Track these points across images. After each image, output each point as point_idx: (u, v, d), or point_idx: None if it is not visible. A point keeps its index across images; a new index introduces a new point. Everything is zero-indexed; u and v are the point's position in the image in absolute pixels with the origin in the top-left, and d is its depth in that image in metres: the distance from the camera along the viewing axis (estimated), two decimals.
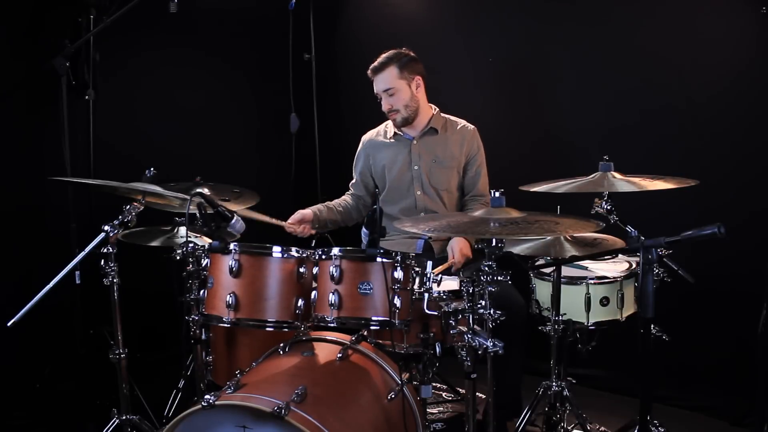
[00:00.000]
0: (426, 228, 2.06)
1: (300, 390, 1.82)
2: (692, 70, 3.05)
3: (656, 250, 1.71)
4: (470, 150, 2.99)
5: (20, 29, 3.12)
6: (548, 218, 2.00)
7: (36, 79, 3.12)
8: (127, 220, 2.21)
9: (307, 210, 2.91)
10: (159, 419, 2.68)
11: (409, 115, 2.94)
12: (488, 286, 1.95)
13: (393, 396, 2.07)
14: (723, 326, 2.97)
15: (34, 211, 3.19)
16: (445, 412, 3.08)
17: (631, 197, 2.37)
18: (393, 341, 2.20)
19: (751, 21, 2.87)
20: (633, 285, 2.53)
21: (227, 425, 1.82)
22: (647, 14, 3.14)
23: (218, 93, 3.94)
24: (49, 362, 3.15)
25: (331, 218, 3.01)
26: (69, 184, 2.91)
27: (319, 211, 2.97)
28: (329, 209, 3.02)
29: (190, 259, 2.42)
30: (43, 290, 2.01)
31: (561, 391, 2.54)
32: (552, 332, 2.49)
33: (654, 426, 2.40)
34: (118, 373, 2.32)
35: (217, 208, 2.14)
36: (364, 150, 3.14)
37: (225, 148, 3.91)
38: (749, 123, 2.94)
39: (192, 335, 2.44)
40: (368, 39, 3.94)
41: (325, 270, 2.03)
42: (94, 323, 3.01)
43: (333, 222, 3.03)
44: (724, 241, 1.61)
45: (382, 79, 2.91)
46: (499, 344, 1.88)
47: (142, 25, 3.25)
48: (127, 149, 3.43)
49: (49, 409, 3.04)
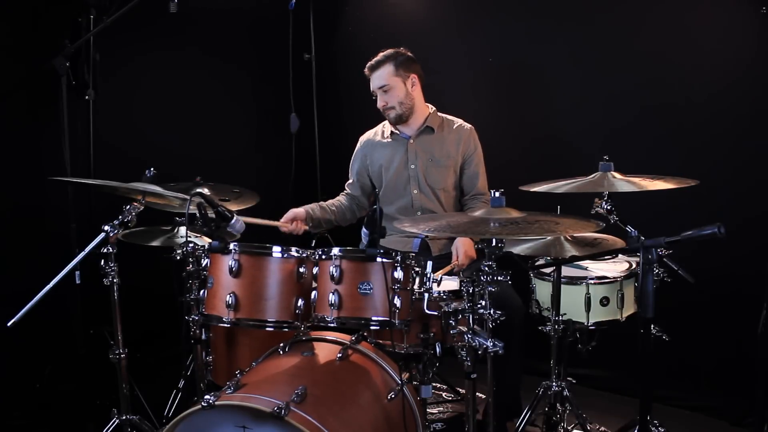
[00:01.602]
0: (425, 228, 2.06)
1: (300, 390, 1.82)
2: (692, 70, 3.05)
3: (656, 250, 1.71)
4: (467, 149, 3.00)
5: (20, 29, 3.12)
6: (548, 218, 2.00)
7: (36, 79, 3.12)
8: (127, 220, 2.21)
9: (299, 209, 2.92)
10: (159, 419, 2.68)
11: (403, 112, 2.95)
12: (488, 286, 1.95)
13: (393, 396, 2.07)
14: (723, 326, 2.97)
15: (34, 211, 3.18)
16: (445, 412, 3.08)
17: (631, 197, 2.37)
18: (393, 341, 2.20)
19: (751, 21, 2.87)
20: (633, 285, 2.53)
21: (227, 425, 1.82)
22: (647, 14, 3.14)
23: (218, 93, 3.93)
24: (49, 362, 3.15)
25: (325, 217, 3.02)
26: (69, 184, 2.90)
27: (312, 210, 2.97)
28: (322, 208, 3.03)
29: (190, 259, 2.42)
30: (43, 290, 2.01)
31: (561, 391, 2.54)
32: (552, 332, 2.49)
33: (654, 426, 2.40)
34: (118, 373, 2.32)
35: (217, 208, 2.14)
36: (361, 150, 3.15)
37: (225, 148, 3.90)
38: (749, 123, 2.94)
39: (192, 335, 2.44)
40: (368, 39, 3.94)
41: (325, 270, 2.03)
42: (94, 323, 3.00)
43: (326, 221, 3.03)
44: (724, 241, 1.61)
45: (378, 76, 2.93)
46: (499, 344, 1.88)
47: (142, 25, 3.24)
48: (127, 149, 3.43)
49: (49, 409, 3.04)
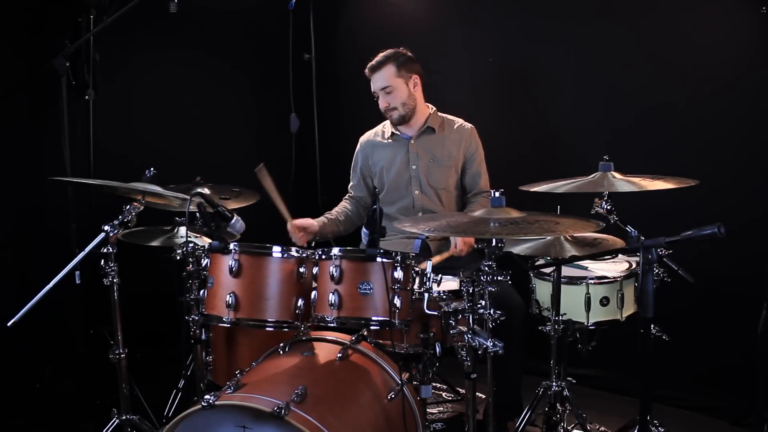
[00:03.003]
0: (425, 228, 2.06)
1: (300, 390, 1.82)
2: (692, 70, 3.05)
3: (656, 250, 1.71)
4: (468, 148, 3.00)
5: (20, 29, 3.12)
6: (548, 218, 2.00)
7: (36, 79, 3.12)
8: (127, 220, 2.21)
9: (314, 222, 2.87)
10: (159, 419, 2.67)
11: (406, 113, 2.95)
12: (488, 286, 1.95)
13: (393, 396, 2.07)
14: (723, 326, 2.97)
15: (34, 212, 3.19)
16: (445, 412, 3.08)
17: (631, 197, 2.37)
18: (393, 341, 2.19)
19: (751, 21, 2.87)
20: (633, 285, 2.53)
21: (227, 425, 1.82)
22: (647, 14, 3.14)
23: (218, 93, 3.93)
24: (49, 362, 3.15)
25: (333, 230, 3.00)
26: (69, 184, 2.91)
27: (323, 224, 2.94)
28: (331, 221, 3.00)
29: (190, 259, 2.42)
30: (43, 290, 2.01)
31: (561, 391, 2.54)
32: (552, 332, 2.49)
33: (654, 426, 2.41)
34: (118, 373, 2.32)
35: (217, 208, 2.14)
36: (362, 150, 3.14)
37: (225, 148, 3.90)
38: (749, 123, 2.93)
39: (192, 335, 2.44)
40: (368, 39, 3.93)
41: (325, 270, 2.03)
42: (94, 323, 3.00)
43: (334, 233, 3.01)
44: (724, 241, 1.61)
45: (380, 77, 2.92)
46: (499, 344, 1.88)
47: (142, 25, 3.24)
48: (127, 149, 3.43)
49: (49, 409, 3.04)
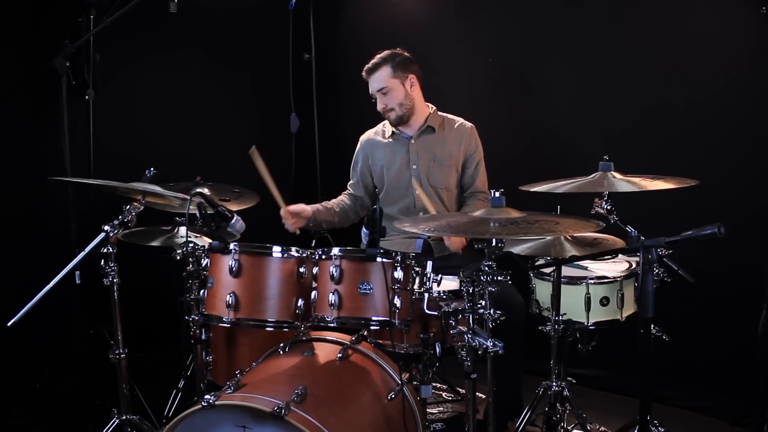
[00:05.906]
0: (426, 228, 2.06)
1: (300, 390, 1.82)
2: (692, 70, 3.05)
3: (656, 250, 1.71)
4: (468, 148, 3.00)
5: (20, 29, 3.12)
6: (548, 218, 2.00)
7: (36, 79, 3.12)
8: (127, 220, 2.21)
9: (308, 207, 2.90)
10: (159, 419, 2.68)
11: (404, 113, 2.95)
12: (488, 286, 1.95)
13: (393, 396, 2.07)
14: (723, 326, 2.97)
15: (34, 211, 3.18)
16: (445, 412, 3.08)
17: (631, 197, 2.37)
18: (393, 341, 2.20)
19: (751, 21, 2.87)
20: (633, 285, 2.52)
21: (227, 425, 1.82)
22: (647, 14, 3.14)
23: (218, 93, 3.93)
24: (49, 362, 3.15)
25: (327, 219, 3.02)
26: (69, 184, 2.90)
27: (317, 210, 2.97)
28: (327, 210, 3.03)
29: (190, 259, 2.42)
30: (43, 290, 2.01)
31: (561, 391, 2.54)
32: (552, 332, 2.49)
33: (654, 426, 2.41)
34: (118, 373, 2.32)
35: (217, 208, 2.14)
36: (362, 150, 3.15)
37: (225, 148, 3.89)
38: (749, 123, 2.93)
39: (192, 335, 2.44)
40: (368, 39, 3.94)
41: (325, 270, 2.03)
42: (94, 323, 3.00)
43: (328, 222, 3.03)
44: (724, 241, 1.61)
45: (376, 78, 2.93)
46: (499, 344, 1.88)
47: (142, 25, 3.24)
48: (127, 149, 3.43)
49: (49, 409, 3.04)
